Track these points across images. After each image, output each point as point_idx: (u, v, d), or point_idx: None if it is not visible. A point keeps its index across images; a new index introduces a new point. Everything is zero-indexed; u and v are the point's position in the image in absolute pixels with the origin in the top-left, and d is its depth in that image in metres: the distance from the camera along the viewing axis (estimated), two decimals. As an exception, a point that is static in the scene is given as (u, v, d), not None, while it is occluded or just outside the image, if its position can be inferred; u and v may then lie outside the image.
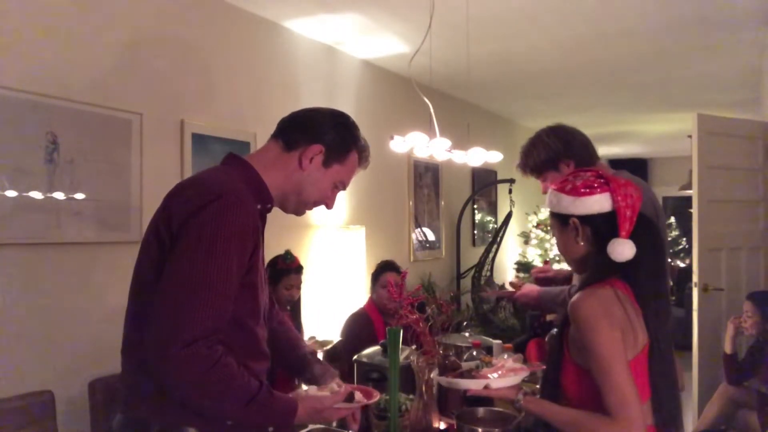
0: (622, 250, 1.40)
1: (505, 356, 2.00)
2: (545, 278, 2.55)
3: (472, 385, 1.59)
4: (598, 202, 1.44)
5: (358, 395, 1.53)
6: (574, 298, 1.42)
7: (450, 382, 1.66)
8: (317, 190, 1.52)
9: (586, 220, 1.47)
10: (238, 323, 1.33)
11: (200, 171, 1.49)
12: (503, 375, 1.60)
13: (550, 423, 1.45)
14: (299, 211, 1.56)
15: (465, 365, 1.69)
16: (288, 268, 2.94)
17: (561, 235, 1.55)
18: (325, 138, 1.49)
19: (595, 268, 1.47)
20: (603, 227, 1.44)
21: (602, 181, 1.46)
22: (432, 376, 1.76)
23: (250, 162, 1.47)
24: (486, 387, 1.56)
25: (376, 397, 1.59)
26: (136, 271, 1.41)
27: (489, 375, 1.60)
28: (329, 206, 1.58)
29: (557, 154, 2.09)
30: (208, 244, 1.24)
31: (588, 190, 1.45)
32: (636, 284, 1.45)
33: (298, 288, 3.02)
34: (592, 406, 1.37)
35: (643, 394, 1.39)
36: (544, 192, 2.26)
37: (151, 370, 1.23)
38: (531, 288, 2.42)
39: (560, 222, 1.53)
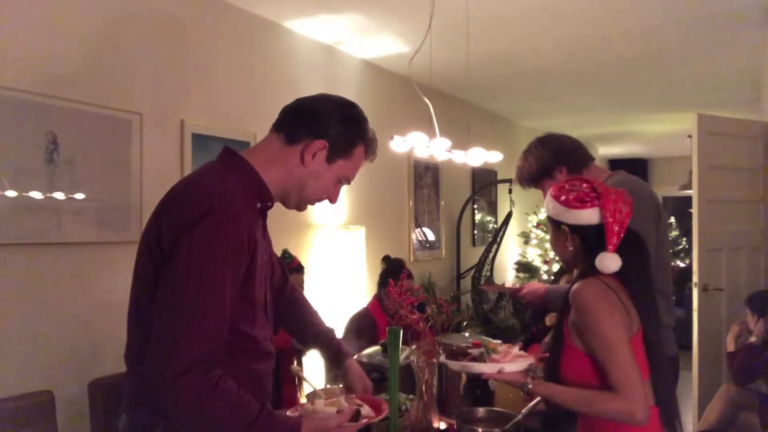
0: (609, 263, 1.51)
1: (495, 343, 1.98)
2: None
3: (486, 368, 1.60)
4: (588, 216, 1.55)
5: (366, 409, 1.50)
6: (575, 286, 1.53)
7: (464, 366, 1.66)
8: (319, 187, 1.46)
9: (576, 229, 1.59)
10: (235, 331, 1.30)
11: (197, 170, 1.42)
12: (513, 359, 1.61)
13: (559, 403, 1.52)
14: (300, 207, 1.50)
15: (472, 352, 1.68)
16: (288, 268, 2.92)
17: (554, 236, 1.69)
18: (329, 133, 1.40)
19: (585, 269, 1.59)
20: (591, 238, 1.56)
21: (594, 195, 1.56)
22: (441, 359, 1.75)
23: (248, 158, 1.40)
24: (500, 371, 1.59)
25: (386, 411, 1.55)
26: (135, 279, 1.38)
27: (502, 360, 1.60)
28: (333, 201, 1.52)
29: (548, 162, 2.19)
30: (200, 267, 1.19)
31: (579, 204, 1.56)
32: (626, 284, 1.56)
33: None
34: (591, 387, 1.47)
35: (642, 372, 1.48)
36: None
37: (149, 395, 1.22)
38: (537, 285, 2.43)
39: (553, 225, 1.66)
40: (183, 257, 1.20)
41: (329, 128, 1.41)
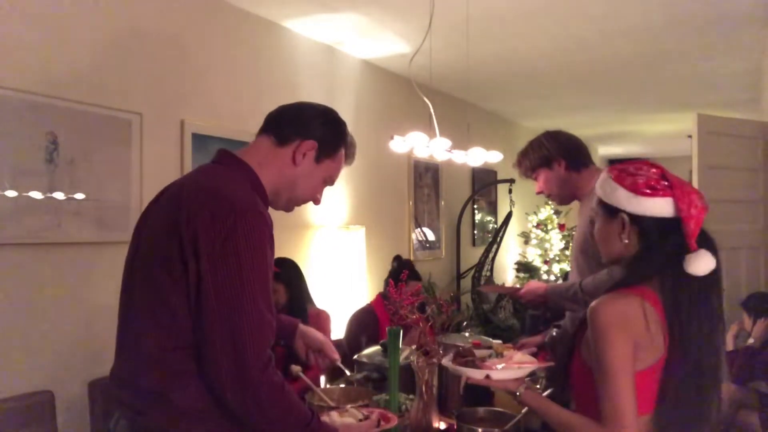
0: (705, 264, 1.33)
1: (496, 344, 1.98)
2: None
3: (474, 374, 1.58)
4: (659, 206, 1.37)
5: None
6: (596, 302, 1.37)
7: (455, 369, 1.65)
8: (309, 186, 1.53)
9: (637, 219, 1.39)
10: None
11: (205, 174, 1.43)
12: (507, 367, 1.59)
13: (545, 420, 1.47)
14: (289, 207, 1.55)
15: (478, 353, 1.68)
16: None
17: (604, 225, 1.47)
18: (317, 134, 1.48)
19: (632, 270, 1.42)
20: (654, 232, 1.38)
21: (666, 183, 1.38)
22: (444, 361, 1.75)
23: (245, 160, 1.44)
24: (487, 377, 1.56)
25: (394, 421, 1.61)
26: (140, 272, 1.35)
27: (494, 366, 1.59)
28: (318, 202, 1.58)
29: (550, 152, 2.30)
30: (250, 267, 1.25)
31: (650, 191, 1.37)
32: (671, 297, 1.35)
33: (273, 293, 2.88)
34: (596, 404, 1.36)
35: (645, 407, 1.36)
36: (538, 192, 2.37)
37: (228, 401, 1.24)
38: (537, 285, 2.43)
39: (607, 213, 1.46)
40: (233, 262, 1.24)
41: (316, 130, 1.49)
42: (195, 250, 1.25)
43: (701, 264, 1.32)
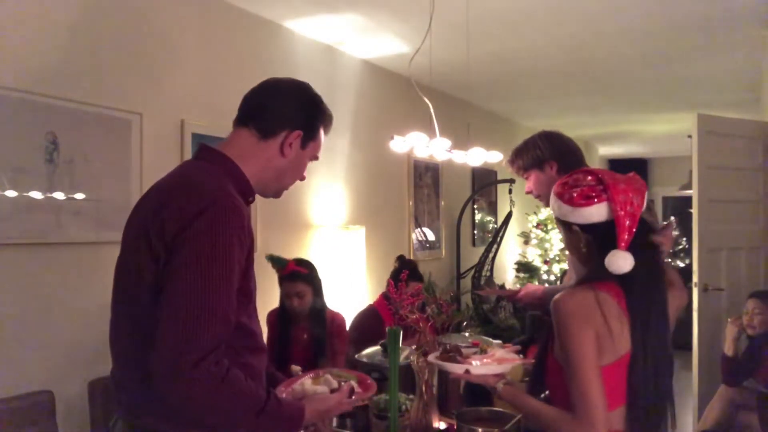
0: (622, 263, 1.39)
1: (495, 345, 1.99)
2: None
3: (454, 368, 1.62)
4: (597, 213, 1.44)
5: (355, 386, 1.55)
6: (557, 295, 1.44)
7: (436, 364, 1.70)
8: (297, 172, 1.52)
9: (587, 228, 1.47)
10: (237, 325, 1.31)
11: (183, 168, 1.43)
12: (487, 363, 1.61)
13: (522, 414, 1.52)
14: (278, 194, 1.55)
15: (466, 351, 1.70)
16: (279, 275, 2.75)
17: (567, 239, 1.57)
18: (300, 121, 1.46)
19: (592, 270, 1.48)
20: (603, 235, 1.44)
21: (601, 188, 1.44)
22: (429, 357, 1.76)
23: (227, 154, 1.41)
24: (466, 372, 1.58)
25: (373, 389, 1.59)
26: (122, 277, 1.37)
27: (472, 361, 1.61)
28: (303, 178, 1.58)
29: (544, 153, 2.26)
30: (207, 255, 1.21)
31: (585, 201, 1.44)
32: (630, 292, 1.43)
33: (300, 297, 2.76)
34: (569, 400, 1.39)
35: (615, 401, 1.39)
36: (528, 192, 2.37)
37: (158, 391, 1.20)
38: (535, 287, 2.44)
39: (564, 227, 1.54)
40: (191, 249, 1.21)
41: (298, 117, 1.46)
42: (163, 241, 1.24)
43: (617, 262, 1.39)
